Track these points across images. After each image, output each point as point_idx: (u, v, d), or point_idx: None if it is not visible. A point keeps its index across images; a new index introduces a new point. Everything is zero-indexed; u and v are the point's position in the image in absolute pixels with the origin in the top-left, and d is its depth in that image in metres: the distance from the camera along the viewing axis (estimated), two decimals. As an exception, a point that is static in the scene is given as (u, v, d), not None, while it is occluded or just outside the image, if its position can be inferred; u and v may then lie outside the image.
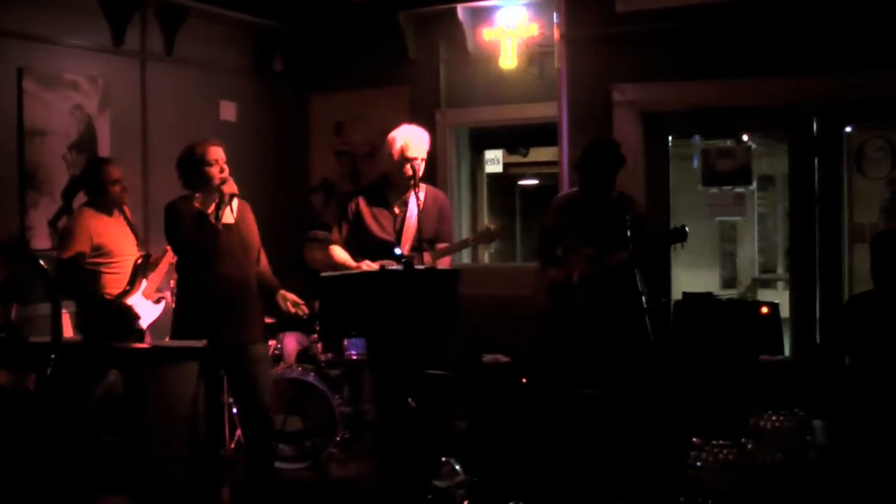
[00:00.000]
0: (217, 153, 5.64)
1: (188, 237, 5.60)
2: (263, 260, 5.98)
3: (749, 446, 2.64)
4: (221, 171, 5.62)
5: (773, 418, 3.00)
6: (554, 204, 6.52)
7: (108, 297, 6.25)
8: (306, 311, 5.92)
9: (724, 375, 6.05)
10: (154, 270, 6.52)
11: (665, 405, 5.64)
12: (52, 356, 4.64)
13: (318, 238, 7.66)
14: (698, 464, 2.63)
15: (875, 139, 6.99)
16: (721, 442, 2.62)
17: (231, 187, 5.59)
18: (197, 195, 5.63)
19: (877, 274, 5.28)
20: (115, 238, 6.33)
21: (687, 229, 5.95)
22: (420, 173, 5.92)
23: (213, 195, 5.60)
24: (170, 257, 6.50)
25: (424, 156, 5.99)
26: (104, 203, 6.37)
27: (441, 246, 6.11)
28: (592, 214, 6.10)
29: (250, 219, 5.86)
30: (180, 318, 5.75)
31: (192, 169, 5.63)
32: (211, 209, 5.57)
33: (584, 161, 6.18)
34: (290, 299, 5.87)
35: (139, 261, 6.38)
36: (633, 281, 5.73)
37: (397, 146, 6.00)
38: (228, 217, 5.63)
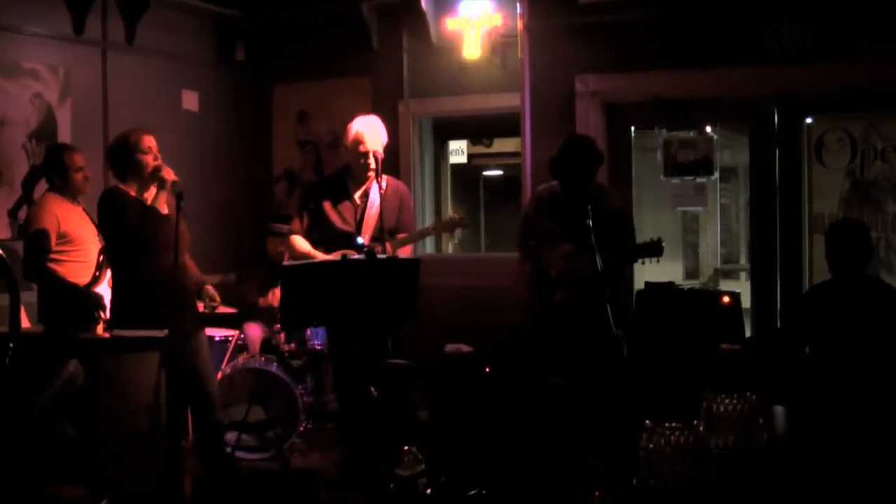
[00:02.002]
0: (151, 142, 5.61)
1: (131, 227, 5.52)
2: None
3: (701, 429, 2.65)
4: (155, 158, 5.59)
5: (726, 402, 3.03)
6: (534, 194, 6.52)
7: (76, 285, 6.17)
8: (215, 306, 5.92)
9: (685, 364, 6.09)
10: None
11: (628, 394, 5.67)
12: (11, 346, 4.60)
13: (279, 231, 7.65)
14: (651, 446, 2.64)
15: (835, 130, 7.04)
16: (673, 425, 2.64)
17: (170, 174, 5.54)
18: (132, 185, 5.61)
19: (832, 263, 5.34)
20: (78, 226, 6.26)
21: (663, 244, 5.97)
22: (379, 164, 5.92)
23: (148, 184, 5.58)
24: None
25: (380, 147, 5.99)
26: (68, 190, 6.31)
27: (402, 235, 6.11)
28: (572, 210, 6.05)
29: (177, 210, 5.76)
30: (120, 309, 5.66)
31: (125, 158, 5.60)
32: (150, 197, 5.55)
33: (560, 159, 6.17)
34: (209, 295, 5.87)
35: (101, 252, 6.32)
36: (610, 276, 5.75)
37: (351, 138, 6.02)
38: (163, 208, 5.58)
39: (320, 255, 5.97)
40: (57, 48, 7.43)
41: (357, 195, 6.07)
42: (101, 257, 6.28)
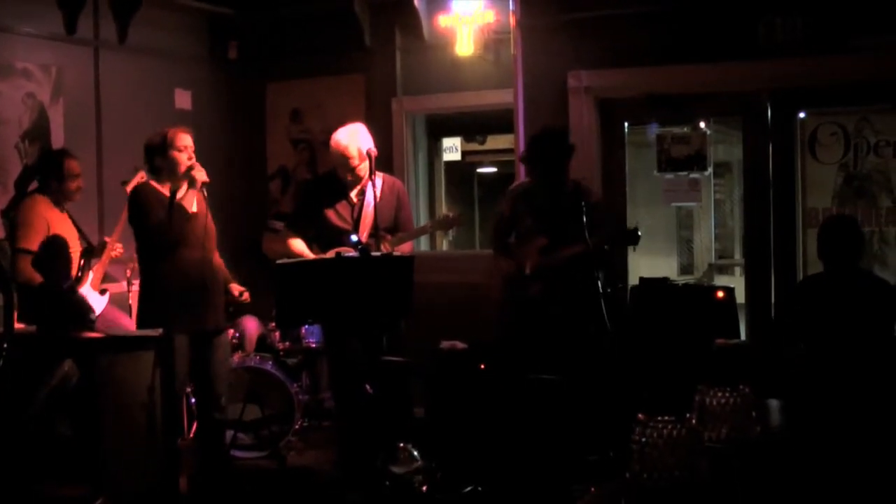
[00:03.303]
0: (185, 140, 5.68)
1: (157, 223, 5.57)
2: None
3: (693, 422, 2.67)
4: (189, 158, 5.65)
5: (719, 395, 3.04)
6: (509, 193, 6.56)
7: (60, 287, 6.19)
8: (247, 298, 5.98)
9: (679, 359, 6.10)
10: (99, 262, 6.50)
11: (622, 389, 5.68)
12: (5, 346, 4.61)
13: (275, 228, 7.64)
14: (643, 439, 2.65)
15: (828, 124, 7.06)
16: (666, 418, 2.65)
17: (202, 175, 5.62)
18: (164, 182, 5.67)
19: (825, 259, 5.36)
20: (65, 230, 6.30)
21: (639, 233, 6.00)
22: (373, 162, 5.91)
23: (179, 181, 5.62)
24: (110, 249, 6.48)
25: (371, 146, 5.97)
26: (58, 195, 6.34)
27: (402, 234, 6.12)
28: (547, 204, 6.13)
29: (206, 207, 5.87)
30: (147, 307, 5.71)
31: (160, 154, 5.66)
32: (180, 195, 5.59)
33: (530, 152, 6.22)
34: (237, 290, 5.96)
35: (82, 253, 6.34)
36: (589, 267, 5.78)
37: (335, 153, 6.00)
38: (193, 205, 5.64)
39: (313, 257, 5.98)
40: (49, 48, 7.41)
41: (353, 193, 6.07)
42: (83, 261, 6.30)
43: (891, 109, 6.94)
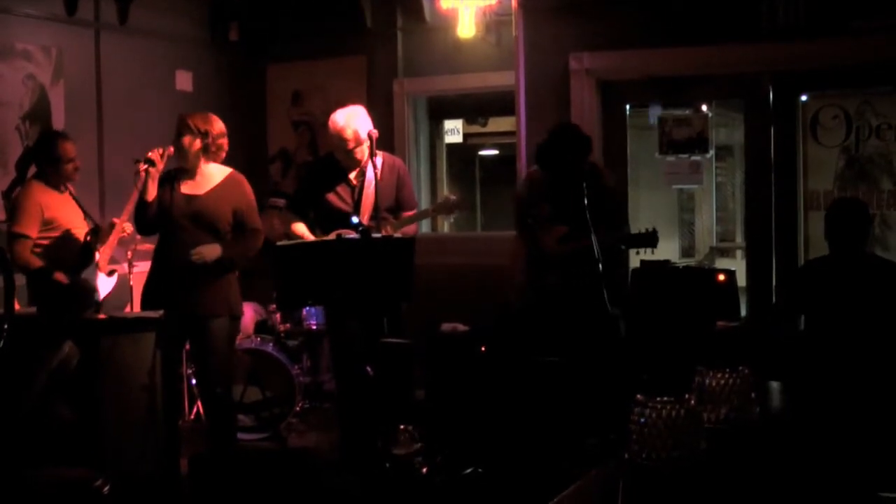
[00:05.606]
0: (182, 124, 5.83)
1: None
2: (250, 229, 5.89)
3: (692, 402, 2.67)
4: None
5: (718, 375, 3.04)
6: (526, 176, 6.52)
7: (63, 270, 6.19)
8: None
9: (680, 341, 6.10)
10: (105, 244, 6.46)
11: (624, 372, 5.68)
12: (5, 327, 4.59)
13: (277, 206, 7.60)
14: (642, 420, 2.66)
15: (830, 107, 7.04)
16: (664, 399, 2.65)
17: (152, 154, 5.67)
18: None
19: (831, 241, 5.34)
20: (66, 212, 6.28)
21: (658, 235, 5.97)
22: (374, 143, 5.88)
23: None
24: (119, 231, 6.44)
25: (370, 129, 5.94)
26: (55, 179, 6.30)
27: (407, 213, 6.11)
28: (564, 193, 6.05)
29: (232, 189, 5.87)
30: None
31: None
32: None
33: (548, 153, 6.11)
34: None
35: (88, 234, 6.33)
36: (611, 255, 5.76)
37: (332, 135, 5.96)
38: (196, 188, 5.70)
39: (313, 239, 5.97)
40: (50, 29, 7.39)
41: (353, 175, 6.05)
42: (89, 237, 6.29)
43: (892, 92, 6.93)
